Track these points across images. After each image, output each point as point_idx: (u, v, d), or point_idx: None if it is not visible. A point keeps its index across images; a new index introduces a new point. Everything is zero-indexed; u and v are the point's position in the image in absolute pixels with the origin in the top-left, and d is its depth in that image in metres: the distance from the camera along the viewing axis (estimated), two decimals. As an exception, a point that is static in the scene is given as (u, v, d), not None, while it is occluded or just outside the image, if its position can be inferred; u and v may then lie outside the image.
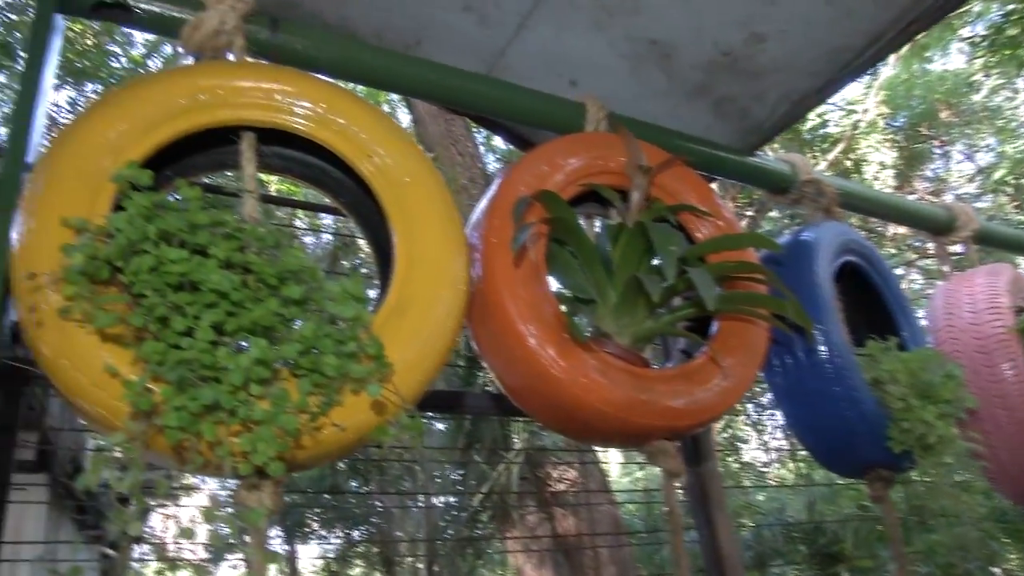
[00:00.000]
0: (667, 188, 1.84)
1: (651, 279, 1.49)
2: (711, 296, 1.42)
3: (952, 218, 2.76)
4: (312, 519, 11.14)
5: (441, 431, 7.95)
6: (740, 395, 1.71)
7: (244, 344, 1.15)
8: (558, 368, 1.51)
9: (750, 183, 2.49)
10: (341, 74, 1.83)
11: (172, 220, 1.16)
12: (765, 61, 2.11)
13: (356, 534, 11.75)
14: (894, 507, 2.14)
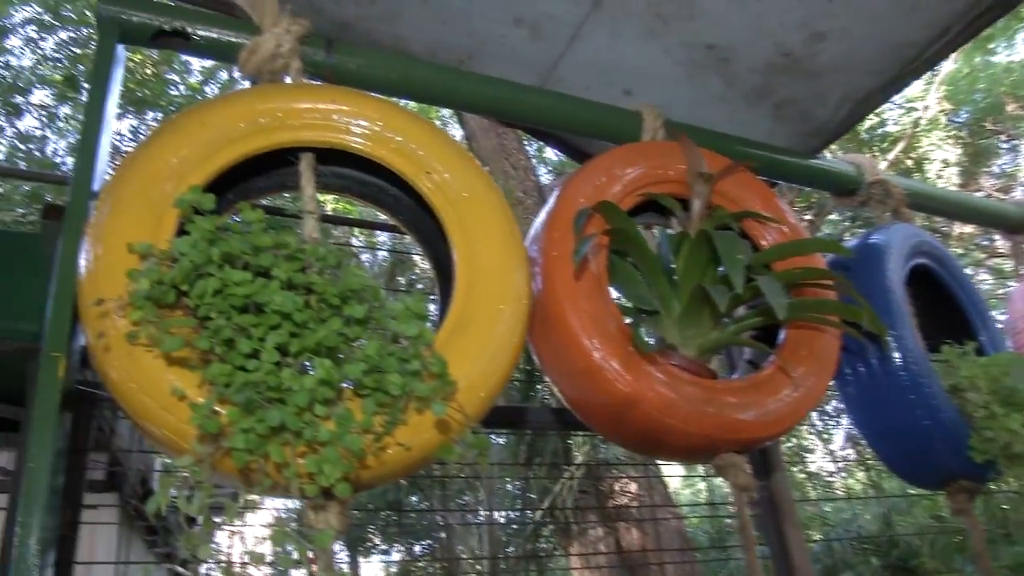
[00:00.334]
0: (729, 195, 1.80)
1: (717, 289, 1.45)
2: (781, 304, 1.37)
3: (1025, 215, 2.65)
4: (374, 534, 11.21)
5: (501, 446, 7.94)
6: (812, 406, 1.66)
7: (308, 365, 1.15)
8: (624, 382, 1.47)
9: (814, 186, 2.43)
10: (396, 91, 1.83)
11: (235, 243, 1.17)
12: (826, 61, 2.05)
13: (417, 549, 11.79)
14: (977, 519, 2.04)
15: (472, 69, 2.06)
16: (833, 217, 10.25)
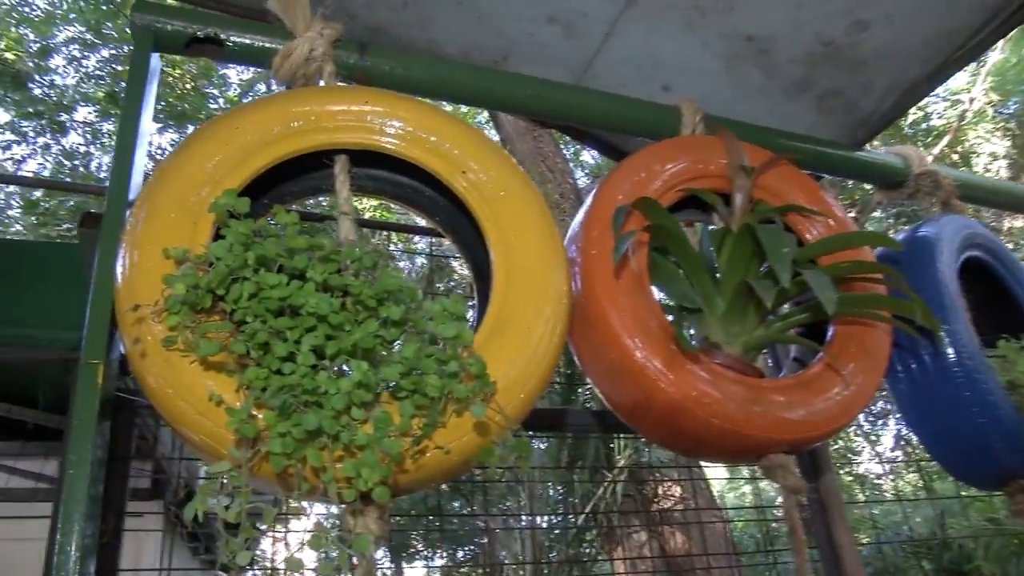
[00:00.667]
0: (771, 189, 1.75)
1: (763, 284, 1.41)
2: (830, 298, 1.32)
3: (1082, 206, 2.56)
4: (416, 540, 11.23)
5: (542, 450, 7.90)
6: (864, 404, 1.60)
7: (345, 368, 1.13)
8: (667, 381, 1.43)
9: (860, 179, 2.37)
10: (431, 93, 1.82)
11: (270, 246, 1.16)
12: (870, 49, 2.00)
13: (460, 554, 11.78)
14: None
15: (506, 70, 2.04)
16: (877, 215, 10.05)
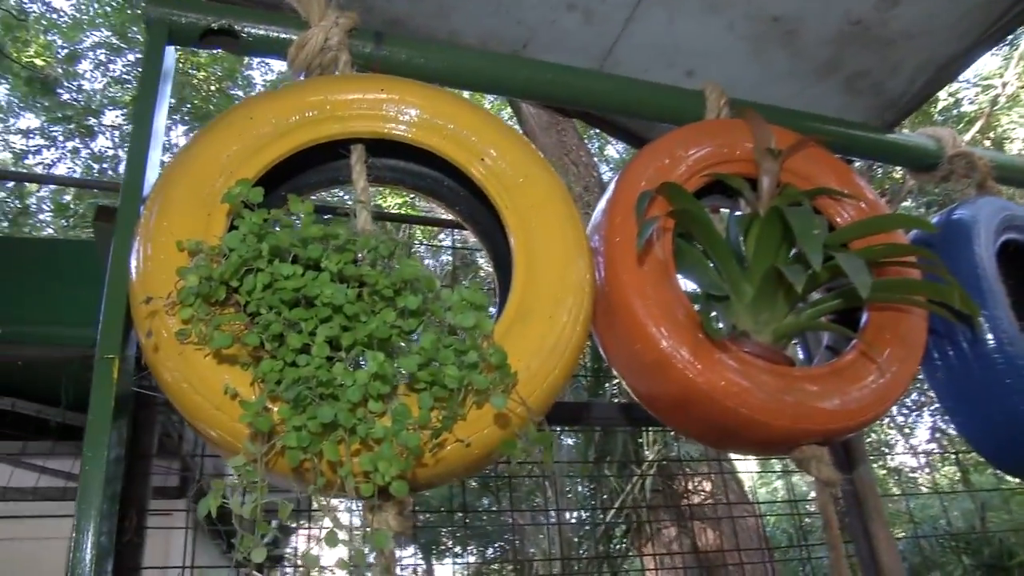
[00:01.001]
0: (800, 172, 1.69)
1: (792, 269, 1.35)
2: (865, 283, 1.27)
3: None
4: (446, 537, 11.24)
5: (570, 445, 7.86)
6: (900, 392, 1.54)
7: (362, 360, 1.10)
8: (694, 371, 1.39)
9: (890, 162, 2.30)
10: (450, 81, 1.78)
11: (284, 236, 1.13)
12: (900, 27, 1.93)
13: (490, 552, 11.78)
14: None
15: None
16: (907, 204, 9.88)
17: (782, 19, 1.93)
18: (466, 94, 2.08)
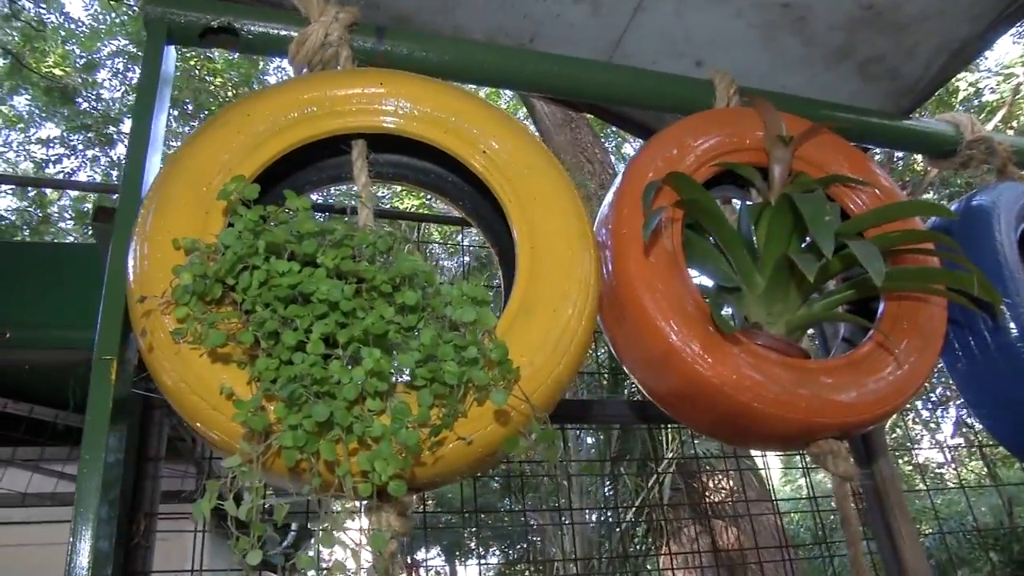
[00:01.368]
0: (813, 160, 1.65)
1: (805, 258, 1.31)
2: (879, 270, 1.23)
3: None
4: (469, 539, 11.22)
5: (590, 445, 7.81)
6: (919, 384, 1.50)
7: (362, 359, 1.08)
8: (705, 365, 1.35)
9: (907, 149, 2.25)
10: (455, 76, 1.76)
11: (280, 232, 1.11)
12: (914, 10, 1.88)
13: (512, 553, 11.75)
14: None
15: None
16: (928, 196, 9.75)
17: (792, 5, 1.88)
18: (482, 93, 2.05)
